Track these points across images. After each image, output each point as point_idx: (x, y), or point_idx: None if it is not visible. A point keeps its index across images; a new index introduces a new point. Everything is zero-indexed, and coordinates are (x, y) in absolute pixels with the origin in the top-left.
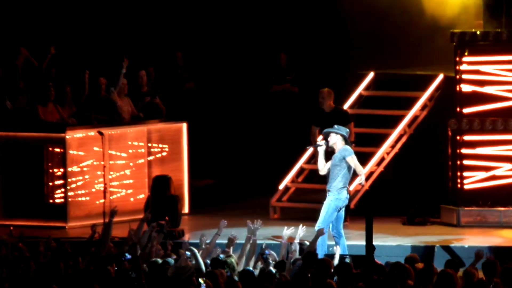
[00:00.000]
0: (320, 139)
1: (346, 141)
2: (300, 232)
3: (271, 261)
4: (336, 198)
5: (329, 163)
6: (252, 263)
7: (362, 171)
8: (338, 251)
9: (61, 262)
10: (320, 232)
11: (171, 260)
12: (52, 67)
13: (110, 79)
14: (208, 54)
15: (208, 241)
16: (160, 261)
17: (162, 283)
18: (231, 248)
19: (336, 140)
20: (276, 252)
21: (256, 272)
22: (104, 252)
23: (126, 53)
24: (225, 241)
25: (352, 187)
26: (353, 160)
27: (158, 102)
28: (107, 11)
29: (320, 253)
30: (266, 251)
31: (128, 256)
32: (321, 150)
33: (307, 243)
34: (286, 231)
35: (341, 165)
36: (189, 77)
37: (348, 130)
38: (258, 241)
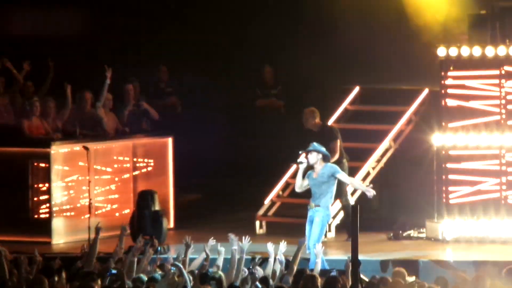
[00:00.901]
0: (302, 157)
1: (326, 159)
2: (282, 248)
3: (257, 276)
4: (327, 214)
5: (306, 181)
6: (239, 279)
7: (360, 182)
8: (319, 266)
9: (46, 278)
10: (302, 244)
11: (157, 276)
12: (29, 82)
13: (96, 94)
14: (192, 68)
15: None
16: (145, 278)
17: None
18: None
19: (317, 159)
20: (262, 267)
21: None
22: (89, 268)
23: (110, 67)
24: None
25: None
26: (345, 176)
27: (146, 107)
28: (93, 24)
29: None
30: (252, 269)
31: (113, 271)
32: (302, 167)
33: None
34: (271, 248)
35: (330, 182)
36: (172, 92)
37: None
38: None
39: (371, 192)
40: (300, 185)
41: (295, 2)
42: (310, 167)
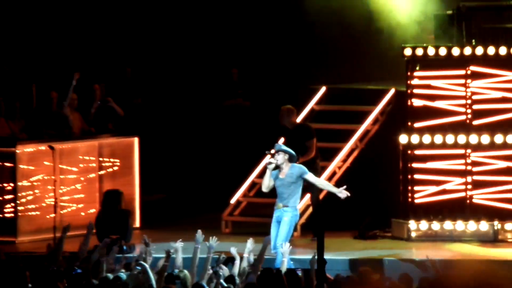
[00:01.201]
0: (268, 157)
1: (292, 159)
2: (249, 246)
3: (222, 275)
4: (295, 215)
5: (272, 182)
6: (205, 279)
7: (329, 186)
8: (285, 265)
9: (7, 277)
10: (267, 243)
11: (123, 275)
12: None
13: (61, 93)
14: (158, 69)
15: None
16: (111, 276)
17: None
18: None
19: (283, 159)
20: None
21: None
22: (55, 267)
23: (76, 68)
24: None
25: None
26: (314, 177)
27: (113, 105)
28: (58, 25)
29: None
30: (218, 268)
31: (78, 270)
32: (271, 167)
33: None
34: (234, 251)
35: (297, 183)
36: (138, 92)
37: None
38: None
39: (343, 194)
40: (267, 185)
41: (262, 2)
42: (276, 167)
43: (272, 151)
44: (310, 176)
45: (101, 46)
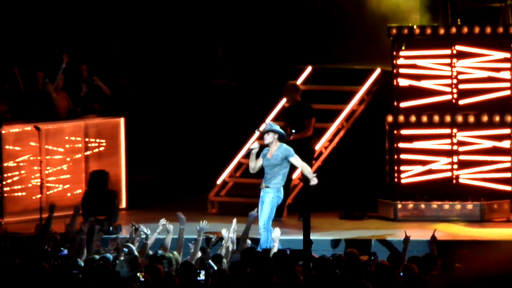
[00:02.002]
0: (255, 144)
1: (282, 138)
2: (233, 226)
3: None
4: (277, 196)
5: (260, 161)
6: (194, 260)
7: (310, 171)
8: (276, 248)
9: None
10: (252, 220)
11: (109, 256)
12: None
13: (48, 73)
14: (144, 49)
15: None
16: (97, 257)
17: (102, 279)
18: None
19: (273, 139)
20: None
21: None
22: (42, 247)
23: (62, 47)
24: (163, 236)
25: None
26: (297, 161)
27: (99, 84)
28: (45, 6)
29: (266, 246)
30: (207, 249)
31: (65, 251)
32: (254, 152)
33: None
34: (225, 233)
35: (282, 165)
36: (123, 71)
37: (277, 126)
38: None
39: (314, 181)
40: (253, 167)
41: None
42: (262, 148)
43: (262, 128)
44: (294, 160)
45: (86, 25)
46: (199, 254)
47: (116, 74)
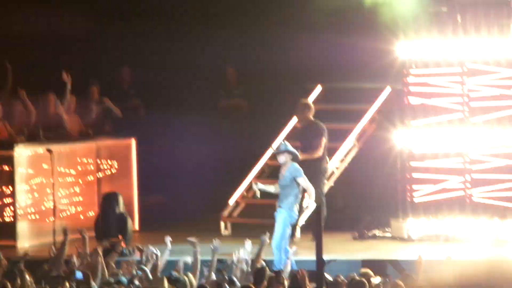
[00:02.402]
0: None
1: (295, 158)
2: (247, 247)
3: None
4: (289, 215)
5: (275, 187)
6: (210, 281)
7: (313, 194)
8: (289, 266)
9: (8, 281)
10: (264, 243)
11: (124, 280)
12: None
13: (58, 95)
14: (154, 70)
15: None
16: (112, 280)
17: None
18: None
19: (285, 159)
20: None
21: None
22: (57, 271)
23: (72, 69)
24: (174, 258)
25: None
26: (304, 182)
27: (109, 106)
28: (55, 25)
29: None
30: (224, 270)
31: (79, 274)
32: (258, 191)
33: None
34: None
35: (292, 185)
36: (135, 93)
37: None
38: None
39: (311, 206)
40: (274, 191)
41: (258, 2)
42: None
43: (275, 147)
44: (302, 180)
45: (96, 46)
46: (214, 275)
47: (127, 95)
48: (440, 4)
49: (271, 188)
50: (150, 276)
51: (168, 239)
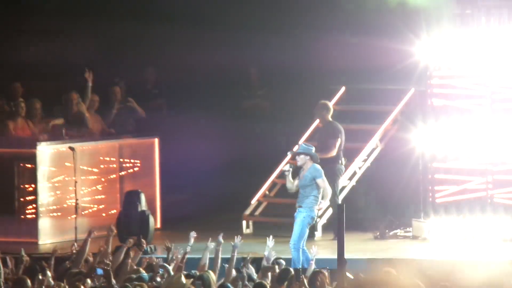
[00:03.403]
0: (286, 166)
1: (314, 159)
2: (269, 244)
3: (246, 276)
4: (308, 215)
5: (297, 180)
6: (230, 278)
7: (328, 196)
8: (312, 266)
9: (29, 278)
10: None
11: (145, 276)
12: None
13: (81, 94)
14: (178, 70)
15: (179, 255)
16: (134, 276)
17: None
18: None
19: (304, 160)
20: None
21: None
22: (77, 268)
23: (97, 68)
24: (197, 256)
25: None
26: (323, 183)
27: (134, 106)
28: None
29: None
30: (244, 268)
31: (100, 271)
32: (287, 174)
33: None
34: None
35: (312, 185)
36: (159, 93)
37: (312, 148)
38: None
39: (323, 205)
40: (290, 187)
41: (281, 4)
42: (297, 169)
43: (294, 149)
44: (321, 181)
45: (121, 46)
46: (234, 272)
47: (151, 95)
48: (465, 6)
49: (291, 182)
50: (172, 273)
51: (192, 234)
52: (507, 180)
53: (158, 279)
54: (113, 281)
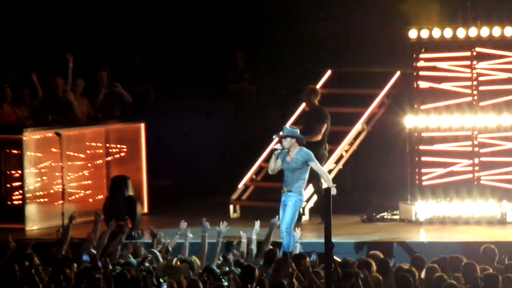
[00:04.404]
0: (274, 142)
1: (300, 141)
2: (256, 228)
3: (232, 261)
4: (299, 199)
5: (279, 163)
6: (215, 263)
7: (329, 178)
8: (297, 249)
9: (15, 264)
10: (274, 225)
11: (133, 261)
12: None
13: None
14: (165, 55)
15: (162, 240)
16: (122, 261)
17: (125, 284)
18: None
19: (291, 143)
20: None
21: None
22: (61, 254)
23: (85, 53)
24: (183, 241)
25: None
26: (316, 166)
27: (120, 91)
28: (67, 13)
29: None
30: (230, 252)
31: (86, 257)
32: (277, 153)
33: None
34: (243, 234)
35: (303, 168)
36: (145, 78)
37: (297, 130)
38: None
39: (333, 191)
40: (273, 168)
41: None
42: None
43: (280, 133)
44: (314, 164)
45: (108, 31)
46: (220, 258)
47: (137, 80)
48: None
49: (275, 163)
50: (160, 259)
51: (183, 223)
52: (493, 162)
53: (147, 264)
54: (100, 263)
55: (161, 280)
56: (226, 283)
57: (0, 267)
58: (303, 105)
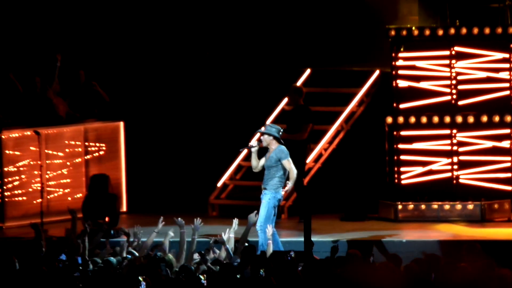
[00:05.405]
0: (254, 139)
1: (279, 140)
2: (234, 226)
3: (208, 259)
4: (273, 196)
5: (263, 160)
6: (192, 261)
7: (293, 178)
8: (270, 247)
9: None
10: (252, 223)
11: (113, 259)
12: None
13: (45, 78)
14: (142, 53)
15: (144, 239)
16: (100, 260)
17: (104, 282)
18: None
19: (268, 141)
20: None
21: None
22: (41, 252)
23: (61, 51)
24: (162, 239)
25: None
26: (289, 164)
27: (98, 90)
28: (43, 11)
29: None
30: (210, 251)
31: (63, 256)
32: (254, 150)
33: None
34: (223, 235)
35: (277, 166)
36: (123, 75)
37: (279, 128)
38: (196, 239)
39: (288, 187)
40: (255, 166)
41: None
42: (265, 148)
43: (262, 129)
44: (286, 162)
45: (85, 29)
46: (196, 255)
47: (115, 78)
48: None
49: (256, 161)
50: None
51: (161, 220)
52: (472, 160)
53: (126, 262)
54: (78, 263)
55: (139, 278)
56: (204, 281)
57: None
58: (283, 103)
